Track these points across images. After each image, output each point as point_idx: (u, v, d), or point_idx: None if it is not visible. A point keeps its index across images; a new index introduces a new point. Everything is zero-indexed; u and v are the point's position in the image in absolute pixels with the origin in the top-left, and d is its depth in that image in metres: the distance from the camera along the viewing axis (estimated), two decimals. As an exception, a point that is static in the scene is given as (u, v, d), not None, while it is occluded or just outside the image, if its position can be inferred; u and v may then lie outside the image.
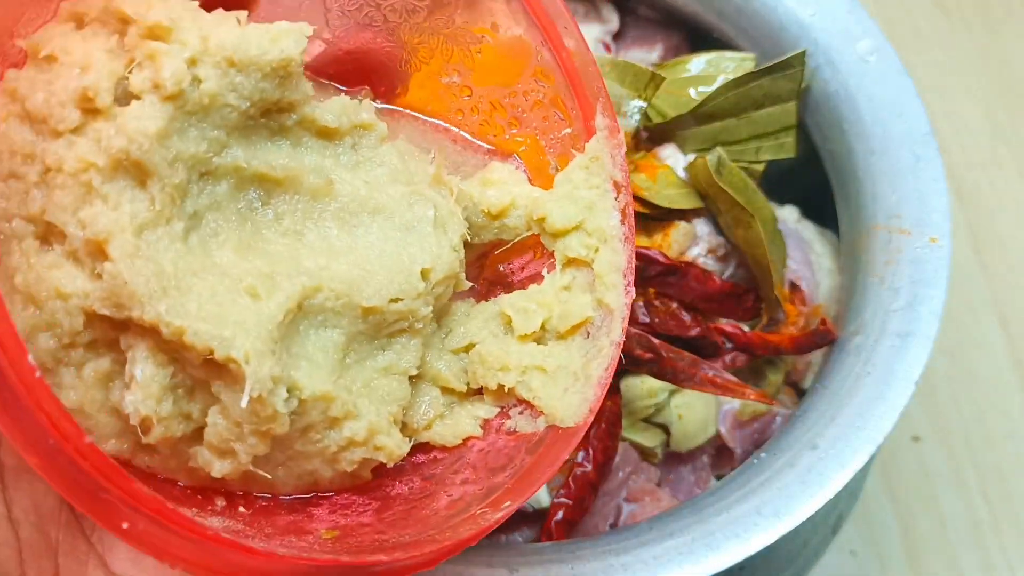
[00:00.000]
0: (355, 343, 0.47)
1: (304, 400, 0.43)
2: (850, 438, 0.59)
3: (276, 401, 0.41)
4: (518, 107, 0.54)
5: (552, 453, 0.48)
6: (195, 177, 0.44)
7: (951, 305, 0.64)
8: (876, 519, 0.83)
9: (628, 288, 0.50)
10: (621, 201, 0.51)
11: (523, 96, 0.54)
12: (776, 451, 0.60)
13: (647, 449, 0.68)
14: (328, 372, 0.45)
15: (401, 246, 0.48)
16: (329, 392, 0.44)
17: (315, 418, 0.44)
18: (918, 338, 0.61)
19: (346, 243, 0.47)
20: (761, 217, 0.69)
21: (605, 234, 0.51)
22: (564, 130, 0.53)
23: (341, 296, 0.45)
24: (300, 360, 0.44)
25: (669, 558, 0.55)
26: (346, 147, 0.50)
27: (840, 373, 0.62)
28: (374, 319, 0.47)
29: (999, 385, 0.91)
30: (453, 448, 0.50)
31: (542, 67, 0.52)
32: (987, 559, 0.83)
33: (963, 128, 1.04)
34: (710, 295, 0.67)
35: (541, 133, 0.54)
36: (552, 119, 0.53)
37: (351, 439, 0.45)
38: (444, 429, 0.50)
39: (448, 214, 0.50)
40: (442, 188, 0.51)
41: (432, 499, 0.48)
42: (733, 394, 0.63)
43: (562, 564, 0.56)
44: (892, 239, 0.66)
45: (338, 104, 0.49)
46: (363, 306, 0.46)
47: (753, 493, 0.58)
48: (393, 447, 0.47)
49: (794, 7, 0.73)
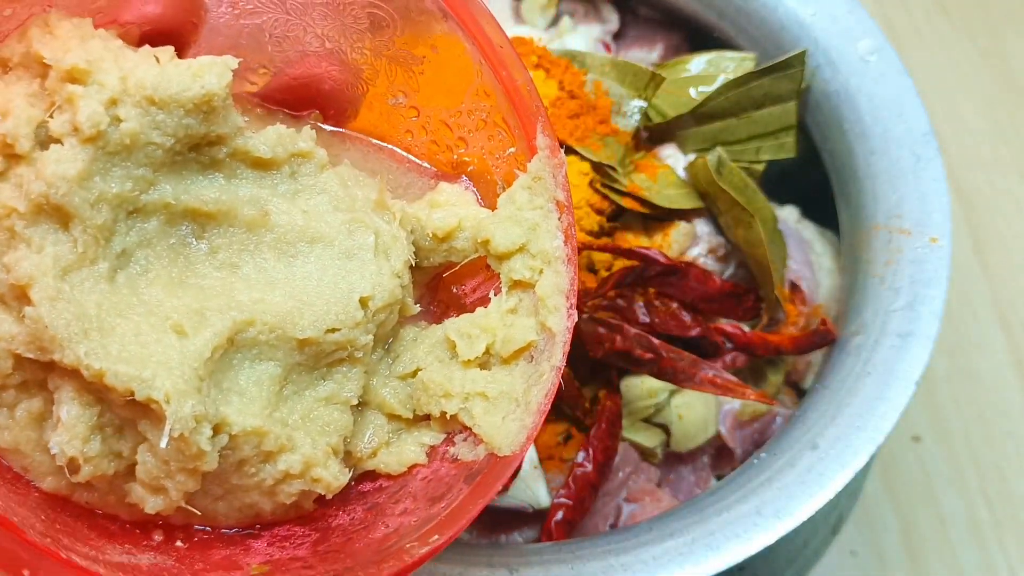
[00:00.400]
0: (294, 374, 0.47)
1: (235, 436, 0.43)
2: (850, 438, 0.59)
3: (200, 440, 0.41)
4: (464, 127, 0.53)
5: (487, 483, 0.47)
6: (122, 216, 0.44)
7: (951, 305, 0.64)
8: (876, 519, 0.83)
9: (570, 311, 0.50)
10: (564, 222, 0.51)
11: (468, 115, 0.53)
12: (776, 451, 0.60)
13: (647, 449, 0.68)
14: (261, 406, 0.45)
15: (340, 275, 0.48)
16: (261, 427, 0.44)
17: (248, 453, 0.44)
18: (918, 338, 0.61)
19: (283, 274, 0.47)
20: (761, 217, 0.69)
21: (549, 255, 0.50)
22: (508, 149, 0.52)
23: (275, 329, 0.45)
24: (231, 395, 0.44)
25: (669, 558, 0.55)
26: (284, 176, 0.49)
27: (840, 373, 0.62)
28: (311, 350, 0.46)
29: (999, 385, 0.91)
30: (398, 476, 0.50)
31: (483, 86, 0.52)
32: (987, 559, 0.83)
33: (963, 128, 1.04)
34: (710, 295, 0.67)
35: (487, 153, 0.53)
36: (496, 138, 0.53)
37: (287, 472, 0.45)
38: (389, 457, 0.50)
39: (391, 239, 0.49)
40: (385, 213, 0.51)
41: (369, 530, 0.48)
42: (733, 394, 0.63)
43: (562, 564, 0.56)
44: (892, 239, 0.66)
45: (273, 134, 0.48)
46: (298, 338, 0.46)
47: (753, 493, 0.58)
48: (330, 479, 0.46)
49: (794, 7, 0.73)
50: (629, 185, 0.70)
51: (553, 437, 0.66)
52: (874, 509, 0.84)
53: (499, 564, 0.56)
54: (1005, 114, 1.05)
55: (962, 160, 1.01)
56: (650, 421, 0.69)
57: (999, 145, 1.03)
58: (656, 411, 0.68)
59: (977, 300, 0.94)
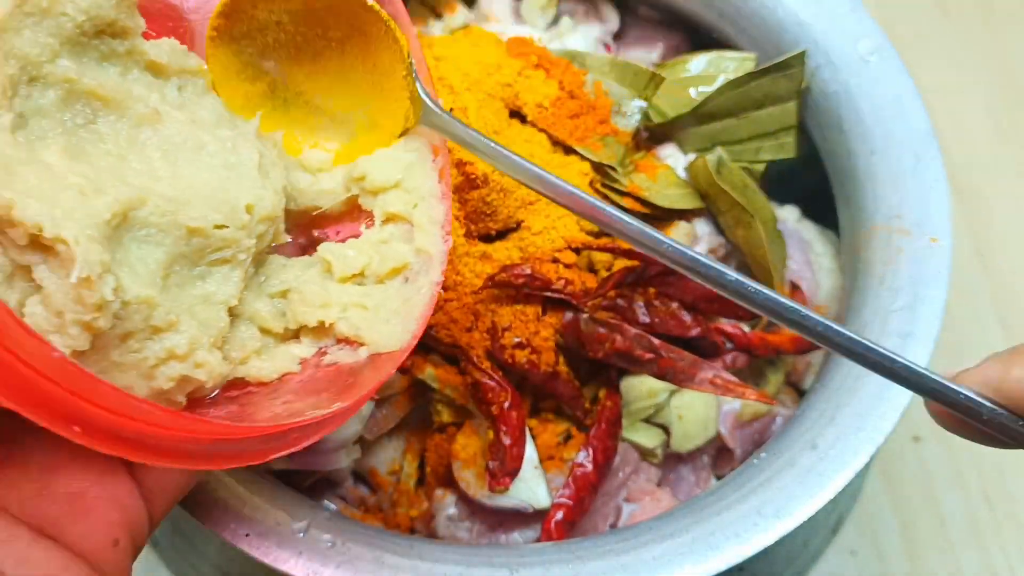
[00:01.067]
0: (176, 265, 0.47)
1: (127, 302, 0.43)
2: (850, 438, 0.59)
3: (104, 288, 0.41)
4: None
5: (377, 369, 0.49)
6: (24, 79, 0.44)
7: (951, 305, 0.64)
8: (876, 519, 0.83)
9: (446, 237, 0.53)
10: (439, 163, 0.55)
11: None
12: (776, 451, 0.60)
13: (647, 449, 0.68)
14: (151, 282, 0.45)
15: (225, 181, 0.49)
16: (153, 297, 0.44)
17: (137, 324, 0.44)
18: (918, 338, 0.61)
19: (168, 172, 0.48)
20: (761, 217, 0.69)
21: (422, 192, 0.54)
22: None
23: (167, 213, 0.45)
24: (123, 267, 0.44)
25: (669, 558, 0.55)
26: (172, 87, 0.51)
27: (840, 373, 0.62)
28: (198, 242, 0.47)
29: (999, 385, 0.91)
30: (269, 382, 0.51)
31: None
32: (987, 559, 0.83)
33: (963, 128, 1.04)
34: (710, 295, 0.67)
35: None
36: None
37: (172, 351, 0.45)
38: (261, 363, 0.51)
39: (271, 164, 0.51)
40: (267, 140, 0.53)
41: (252, 419, 0.48)
42: (733, 394, 0.63)
43: (562, 564, 0.56)
44: (892, 239, 0.66)
45: (167, 45, 0.51)
46: (188, 226, 0.46)
47: (753, 493, 0.58)
48: (215, 364, 0.47)
49: (794, 7, 0.73)
50: (629, 185, 0.70)
51: (553, 437, 0.66)
52: (874, 509, 0.84)
53: (499, 564, 0.56)
54: (1005, 114, 1.05)
55: (962, 160, 1.01)
56: (650, 421, 0.69)
57: (999, 145, 1.03)
58: (656, 411, 0.68)
59: (977, 300, 0.94)
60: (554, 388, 0.64)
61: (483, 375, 0.62)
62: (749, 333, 0.68)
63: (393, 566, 0.55)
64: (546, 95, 0.70)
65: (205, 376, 0.46)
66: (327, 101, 0.56)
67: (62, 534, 0.41)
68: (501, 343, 0.63)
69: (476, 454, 0.64)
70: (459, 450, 0.65)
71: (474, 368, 0.62)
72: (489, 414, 0.62)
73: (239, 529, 0.55)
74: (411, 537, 0.61)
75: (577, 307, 0.64)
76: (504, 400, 0.61)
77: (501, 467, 0.61)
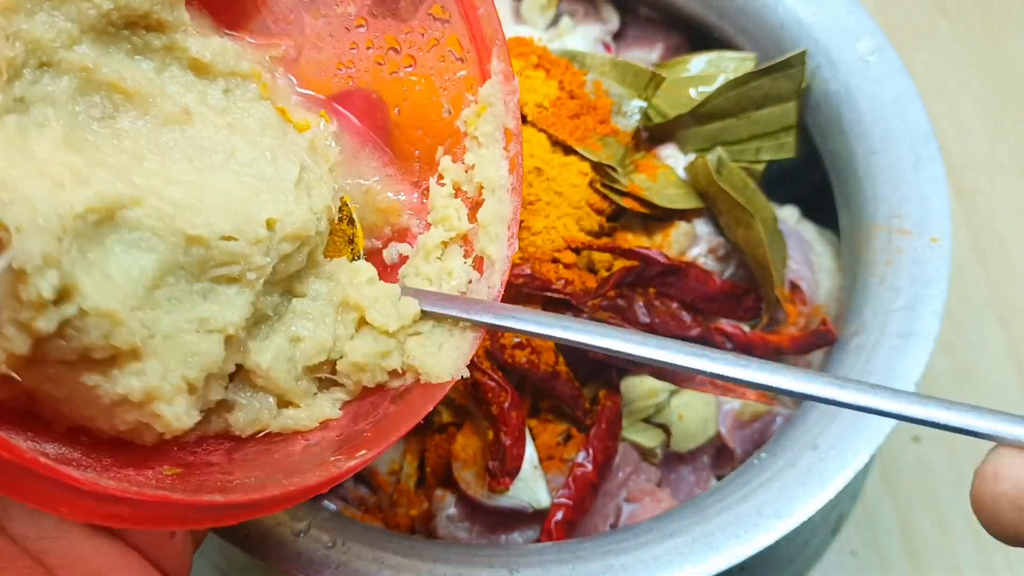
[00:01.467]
0: (171, 277, 0.41)
1: (85, 311, 0.37)
2: (850, 438, 0.59)
3: (41, 284, 0.35)
4: (414, 44, 0.52)
5: (418, 403, 0.46)
6: (33, 63, 0.41)
7: (951, 305, 0.64)
8: (876, 519, 0.83)
9: (511, 240, 0.49)
10: (511, 150, 0.50)
11: (419, 33, 0.51)
12: (776, 451, 0.60)
13: (647, 449, 0.68)
14: (124, 296, 0.39)
15: (252, 193, 0.44)
16: (116, 312, 0.38)
17: (94, 339, 0.38)
18: (918, 338, 0.61)
19: (189, 177, 0.43)
20: (761, 217, 0.69)
21: (493, 182, 0.50)
22: (459, 72, 0.51)
23: (163, 217, 0.40)
24: (94, 270, 0.38)
25: (669, 558, 0.55)
26: (217, 89, 0.47)
27: (840, 373, 0.62)
28: (198, 253, 0.42)
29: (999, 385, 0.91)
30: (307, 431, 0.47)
31: (440, 4, 0.50)
32: (987, 559, 0.83)
33: (963, 128, 1.04)
34: (710, 295, 0.67)
35: (436, 74, 0.52)
36: (448, 60, 0.51)
37: (125, 397, 0.39)
38: (299, 414, 0.46)
39: (316, 180, 0.47)
40: (317, 157, 0.49)
41: (288, 443, 0.45)
42: (733, 394, 0.63)
43: (562, 564, 0.56)
44: (892, 239, 0.66)
45: (218, 43, 0.47)
46: (187, 233, 0.41)
47: (753, 493, 0.57)
48: (171, 418, 0.40)
49: (794, 7, 0.73)
50: (629, 185, 0.70)
51: (553, 437, 0.66)
52: (874, 509, 0.84)
53: (499, 564, 0.56)
54: (1005, 114, 1.05)
55: (962, 160, 1.01)
56: (650, 421, 0.69)
57: (999, 145, 1.03)
58: (656, 411, 0.68)
59: (977, 300, 0.94)
60: (554, 388, 0.64)
61: (483, 375, 0.62)
62: (749, 333, 0.68)
63: (393, 566, 0.55)
64: (546, 95, 0.70)
65: (161, 428, 0.41)
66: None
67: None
68: (501, 343, 0.63)
69: (476, 454, 0.64)
70: (459, 450, 0.65)
71: (474, 368, 0.62)
72: (489, 414, 0.62)
73: (239, 529, 0.55)
74: (411, 537, 0.61)
75: (577, 307, 0.64)
76: (504, 400, 0.61)
77: (501, 467, 0.61)
